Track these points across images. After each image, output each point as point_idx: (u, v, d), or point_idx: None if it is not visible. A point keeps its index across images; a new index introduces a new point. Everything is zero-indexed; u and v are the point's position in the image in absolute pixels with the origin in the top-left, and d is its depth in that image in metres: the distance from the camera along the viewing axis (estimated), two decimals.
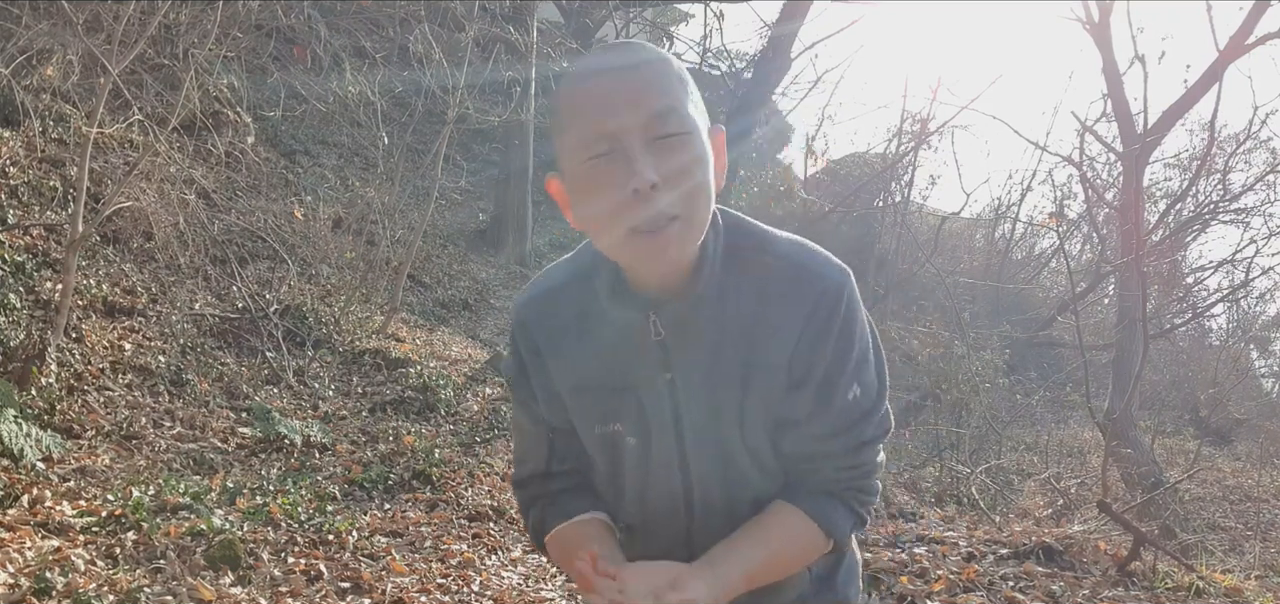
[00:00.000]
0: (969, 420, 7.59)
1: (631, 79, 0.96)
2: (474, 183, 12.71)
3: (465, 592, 3.65)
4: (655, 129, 0.94)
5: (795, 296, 1.02)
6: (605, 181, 0.94)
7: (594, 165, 0.95)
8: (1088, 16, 8.27)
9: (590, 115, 0.95)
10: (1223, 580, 3.71)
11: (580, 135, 0.96)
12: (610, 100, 0.94)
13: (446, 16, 9.37)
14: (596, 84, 0.96)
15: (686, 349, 1.04)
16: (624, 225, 0.94)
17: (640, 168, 0.92)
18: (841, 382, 1.05)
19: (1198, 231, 12.95)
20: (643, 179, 0.92)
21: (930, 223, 14.35)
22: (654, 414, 1.08)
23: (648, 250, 0.95)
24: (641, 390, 1.08)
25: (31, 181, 5.86)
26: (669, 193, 0.94)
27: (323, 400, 5.78)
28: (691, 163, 0.95)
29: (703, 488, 1.11)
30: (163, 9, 5.74)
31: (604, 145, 0.94)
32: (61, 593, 2.89)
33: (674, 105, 0.95)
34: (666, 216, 0.94)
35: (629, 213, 0.93)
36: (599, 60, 1.00)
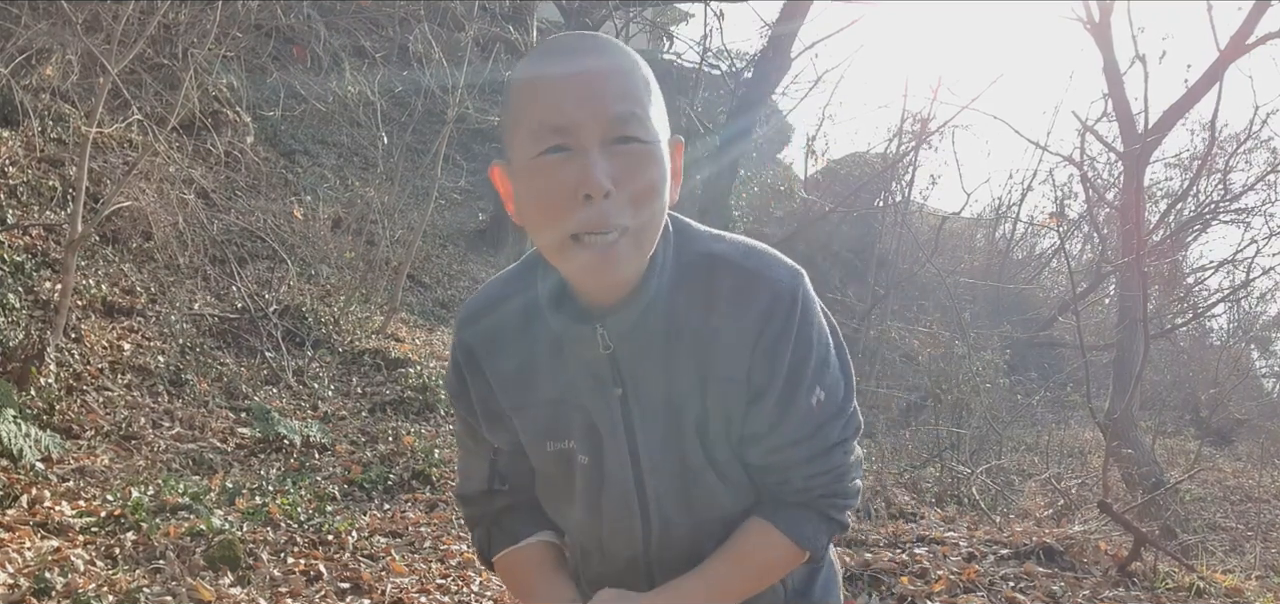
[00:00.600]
0: (969, 421, 7.58)
1: (595, 74, 0.88)
2: (474, 183, 12.71)
3: (465, 592, 3.64)
4: (614, 132, 0.88)
5: (746, 304, 0.95)
6: (554, 180, 0.87)
7: (544, 160, 0.88)
8: (1088, 16, 8.26)
9: (546, 104, 0.88)
10: (1223, 581, 3.70)
11: (533, 125, 0.89)
12: (569, 93, 0.87)
13: (446, 16, 9.37)
14: (557, 71, 0.89)
15: (637, 362, 0.98)
16: (567, 230, 0.88)
17: (594, 172, 0.86)
18: (802, 388, 0.99)
19: (1198, 231, 12.94)
20: (595, 184, 0.85)
21: (931, 223, 14.35)
22: (605, 430, 1.01)
23: (591, 262, 0.89)
24: (590, 406, 1.01)
25: (31, 181, 5.85)
26: (622, 203, 0.88)
27: (322, 400, 5.78)
28: (650, 174, 0.89)
29: (660, 506, 1.04)
30: (162, 9, 5.73)
31: (556, 139, 0.87)
32: (61, 593, 2.88)
33: (636, 110, 0.89)
34: (617, 227, 0.88)
35: (575, 217, 0.87)
36: (561, 46, 0.92)
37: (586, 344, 0.97)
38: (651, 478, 1.02)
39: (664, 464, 1.02)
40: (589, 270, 0.90)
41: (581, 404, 1.02)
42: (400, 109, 9.89)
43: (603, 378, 1.00)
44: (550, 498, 1.12)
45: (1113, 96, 8.51)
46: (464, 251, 11.10)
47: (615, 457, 1.02)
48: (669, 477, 1.02)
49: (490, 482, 1.13)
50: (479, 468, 1.13)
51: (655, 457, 1.02)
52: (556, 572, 1.11)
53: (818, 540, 1.05)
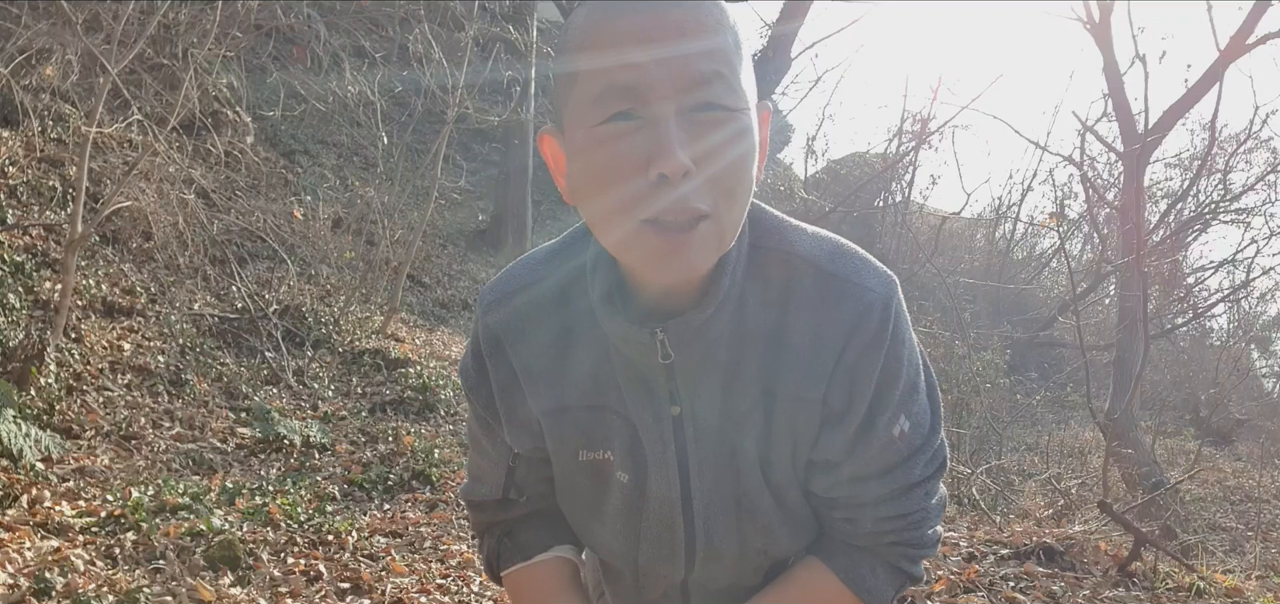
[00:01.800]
0: (969, 421, 7.58)
1: (673, 22, 0.71)
2: (474, 183, 12.71)
3: (465, 592, 3.64)
4: (696, 97, 0.71)
5: (831, 313, 0.80)
6: (621, 154, 0.71)
7: (609, 128, 0.72)
8: (1088, 16, 8.26)
9: (611, 59, 0.71)
10: (1223, 581, 3.70)
11: (595, 84, 0.72)
12: (641, 44, 0.70)
13: (446, 16, 9.37)
14: (625, 20, 0.71)
15: (697, 375, 0.83)
16: (638, 216, 0.72)
17: (671, 146, 0.69)
18: (885, 416, 0.84)
19: (1198, 231, 12.94)
20: (674, 161, 0.69)
21: (931, 223, 14.34)
22: (653, 450, 0.87)
23: (665, 253, 0.73)
24: (637, 419, 0.87)
25: (31, 181, 5.85)
26: (703, 184, 0.72)
27: (322, 401, 5.78)
28: (738, 149, 0.73)
29: (708, 535, 0.89)
30: (162, 9, 5.73)
31: (625, 103, 0.71)
32: (61, 593, 2.88)
33: (724, 70, 0.72)
34: (695, 214, 0.72)
35: (648, 201, 0.71)
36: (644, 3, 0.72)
37: (644, 351, 0.81)
38: (701, 505, 0.88)
39: (717, 491, 0.88)
40: (659, 263, 0.73)
41: (626, 416, 0.87)
42: (400, 109, 9.89)
43: (657, 390, 0.85)
44: (576, 511, 0.96)
45: (1113, 96, 8.52)
46: (464, 251, 11.10)
47: (662, 478, 0.88)
48: (721, 505, 0.88)
49: (505, 491, 0.98)
50: (493, 473, 0.99)
51: (708, 482, 0.87)
52: (570, 595, 0.97)
53: (883, 593, 0.89)
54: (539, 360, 0.88)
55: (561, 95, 0.78)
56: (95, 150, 5.91)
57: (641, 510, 0.90)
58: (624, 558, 0.95)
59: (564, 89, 0.77)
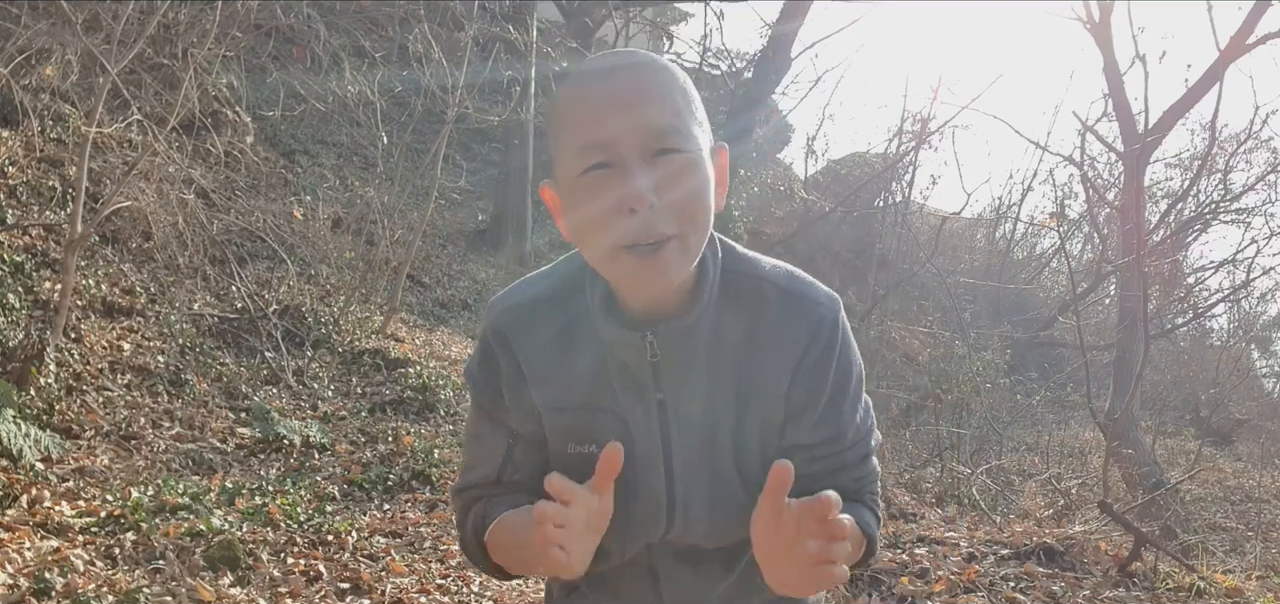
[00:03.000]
0: (970, 421, 7.58)
1: (632, 89, 0.90)
2: (474, 183, 12.71)
3: (465, 592, 3.64)
4: (655, 144, 0.89)
5: (791, 325, 0.99)
6: (599, 194, 0.89)
7: (588, 177, 0.90)
8: (1088, 16, 8.26)
9: (586, 124, 0.90)
10: (1224, 581, 3.70)
11: (575, 144, 0.91)
12: (608, 109, 0.89)
13: (446, 16, 9.37)
14: (595, 91, 0.92)
15: (679, 372, 0.99)
16: (615, 241, 0.90)
17: (635, 184, 0.88)
18: (847, 404, 1.04)
19: (1199, 231, 12.95)
20: (637, 195, 0.87)
21: (931, 223, 14.33)
22: (640, 438, 1.01)
23: (640, 270, 0.91)
24: (627, 413, 1.01)
25: (30, 181, 5.85)
26: (666, 211, 0.89)
27: (322, 401, 5.77)
28: (692, 181, 0.91)
29: (686, 514, 1.03)
30: (162, 9, 5.73)
31: (599, 156, 0.90)
32: (60, 593, 2.88)
33: (675, 121, 0.91)
34: (662, 235, 0.89)
35: (622, 229, 0.89)
36: (599, 65, 0.95)
37: (634, 351, 0.98)
38: (681, 487, 1.02)
39: (696, 474, 1.02)
40: (639, 278, 0.92)
41: (617, 411, 1.01)
42: (400, 109, 9.89)
43: (644, 385, 1.00)
44: None
45: (1113, 96, 8.52)
46: (464, 251, 11.10)
47: (649, 464, 1.02)
48: (698, 486, 1.02)
49: (501, 471, 1.08)
50: (490, 458, 1.08)
51: (689, 466, 1.02)
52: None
53: (875, 531, 1.09)
54: (541, 358, 1.02)
55: (553, 154, 0.96)
56: (95, 150, 5.91)
57: (630, 494, 1.00)
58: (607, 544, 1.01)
59: (554, 149, 0.96)
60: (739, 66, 13.24)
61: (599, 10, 13.28)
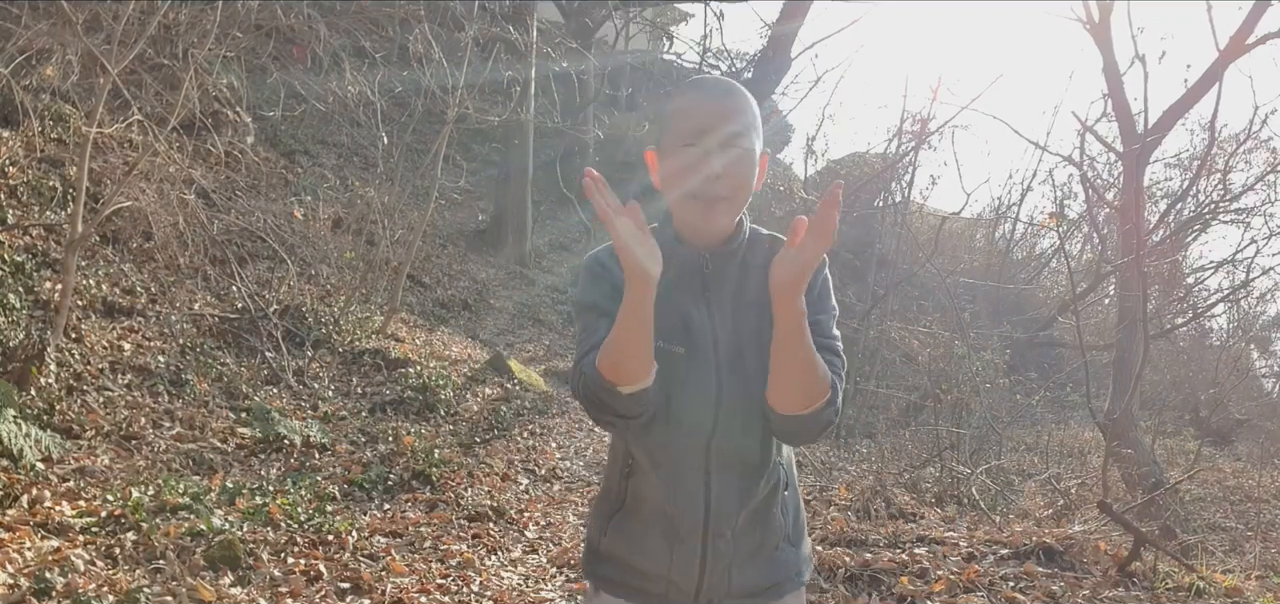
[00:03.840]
0: (969, 421, 7.58)
1: (724, 106, 1.41)
2: (474, 183, 12.71)
3: (465, 592, 3.64)
4: (728, 140, 1.38)
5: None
6: (689, 161, 1.39)
7: (687, 151, 1.39)
8: (1088, 16, 8.26)
9: (695, 118, 1.40)
10: (1223, 581, 3.70)
11: (682, 129, 1.40)
12: (706, 114, 1.40)
13: (446, 16, 9.37)
14: (702, 98, 1.43)
15: (722, 283, 1.46)
16: (692, 191, 1.39)
17: (712, 161, 1.38)
18: (828, 305, 1.49)
19: (1198, 231, 12.95)
20: (712, 168, 1.38)
21: (930, 223, 14.33)
22: (698, 329, 1.45)
23: (701, 213, 1.41)
24: (691, 311, 1.45)
25: (31, 181, 5.86)
26: (725, 181, 1.39)
27: (322, 401, 5.78)
28: (745, 168, 1.40)
29: (723, 378, 1.44)
30: (162, 9, 5.73)
31: (694, 140, 1.39)
32: (61, 593, 2.89)
33: (742, 128, 1.40)
34: (717, 196, 1.40)
35: (694, 184, 1.39)
36: (711, 85, 1.47)
37: (695, 268, 1.45)
38: (724, 364, 1.44)
39: (729, 351, 1.45)
40: (696, 218, 1.42)
41: (683, 309, 1.44)
42: (400, 109, 9.89)
43: (699, 292, 1.46)
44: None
45: (1112, 97, 8.51)
46: (464, 251, 11.10)
47: (705, 348, 1.44)
48: (730, 359, 1.44)
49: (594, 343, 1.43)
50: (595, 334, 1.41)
51: (725, 346, 1.45)
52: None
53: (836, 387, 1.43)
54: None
55: (663, 128, 1.47)
56: (95, 150, 5.91)
57: (689, 373, 1.43)
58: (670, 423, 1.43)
59: (665, 125, 1.46)
60: (739, 67, 13.25)
61: (599, 10, 13.29)
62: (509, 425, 6.34)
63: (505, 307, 10.17)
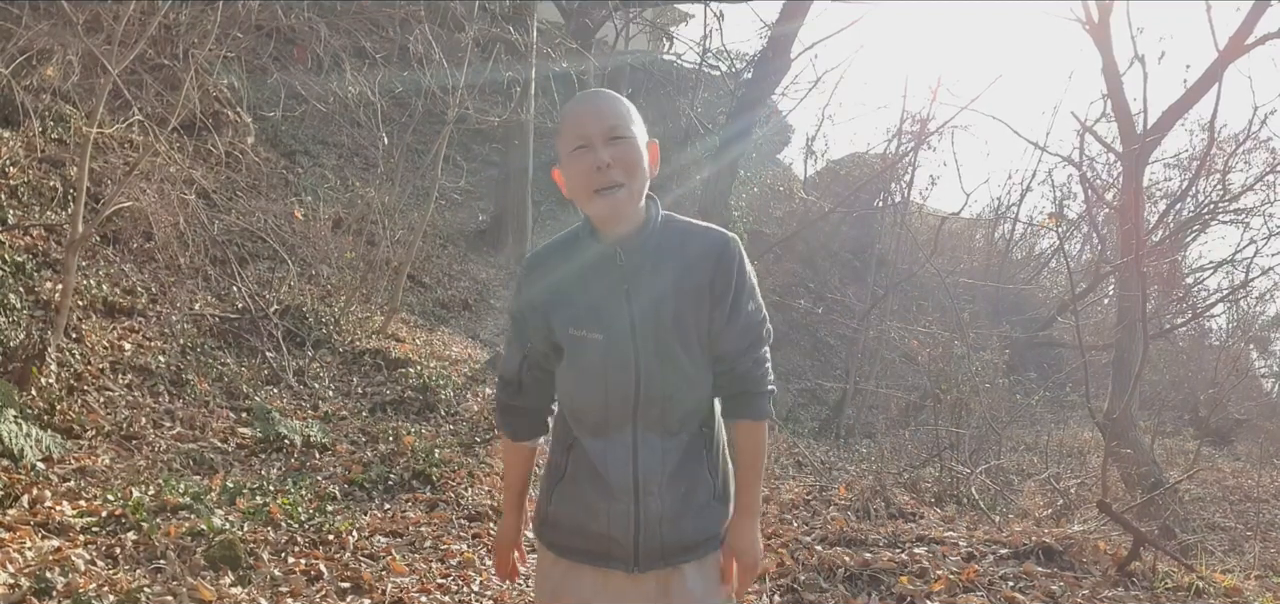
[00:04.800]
0: (969, 420, 7.58)
1: (598, 107, 1.59)
2: (474, 183, 12.71)
3: (465, 592, 3.65)
4: (610, 134, 1.56)
5: (709, 241, 1.62)
6: (582, 166, 1.56)
7: (577, 155, 1.57)
8: (1088, 17, 8.26)
9: (577, 126, 1.58)
10: (1223, 581, 3.70)
11: (569, 137, 1.58)
12: (588, 118, 1.57)
13: (446, 16, 9.37)
14: (582, 109, 1.60)
15: (638, 272, 1.59)
16: (593, 191, 1.56)
17: (601, 156, 1.55)
18: (744, 296, 1.62)
19: (1198, 232, 12.95)
20: (602, 161, 1.54)
21: (930, 223, 14.35)
22: (615, 316, 1.59)
23: (606, 204, 1.56)
24: (607, 300, 1.59)
25: (31, 182, 5.86)
26: (617, 169, 1.55)
27: (323, 401, 5.78)
28: (632, 153, 1.57)
29: (643, 365, 1.59)
30: (163, 9, 5.74)
31: (581, 143, 1.56)
32: (61, 593, 2.89)
33: (620, 122, 1.57)
34: (615, 183, 1.55)
35: (594, 183, 1.55)
36: (585, 96, 1.63)
37: (609, 258, 1.60)
38: (641, 345, 1.59)
39: (649, 339, 1.59)
40: (604, 210, 1.57)
41: (602, 302, 1.60)
42: (400, 109, 9.89)
43: (616, 281, 1.60)
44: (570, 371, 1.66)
45: (1112, 97, 8.52)
46: (464, 251, 11.10)
47: (621, 332, 1.59)
48: (650, 346, 1.59)
49: (520, 371, 1.73)
50: (514, 359, 1.72)
51: (644, 333, 1.59)
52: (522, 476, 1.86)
53: (767, 411, 1.68)
54: (554, 274, 1.65)
55: (558, 148, 1.62)
56: (96, 151, 5.92)
57: (608, 357, 1.59)
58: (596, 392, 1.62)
59: (558, 144, 1.61)
60: (739, 67, 13.25)
61: (599, 11, 13.29)
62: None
63: (505, 307, 10.18)
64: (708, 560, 1.68)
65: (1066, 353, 13.99)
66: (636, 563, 1.63)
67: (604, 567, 1.65)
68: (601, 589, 1.66)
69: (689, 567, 1.66)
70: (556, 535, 1.70)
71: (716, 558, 1.69)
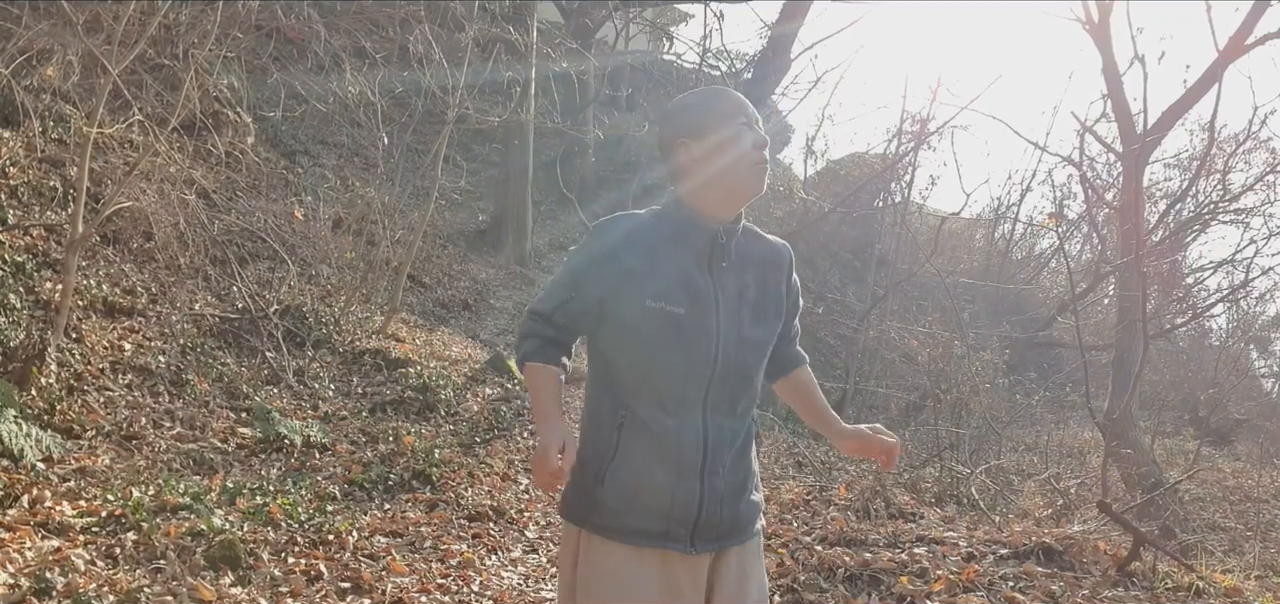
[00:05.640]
0: (969, 421, 7.58)
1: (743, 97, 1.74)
2: (474, 183, 12.71)
3: (465, 592, 3.65)
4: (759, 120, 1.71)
5: (782, 250, 1.82)
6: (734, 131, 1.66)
7: (731, 122, 1.66)
8: (1088, 17, 8.27)
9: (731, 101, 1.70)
10: (1223, 581, 3.70)
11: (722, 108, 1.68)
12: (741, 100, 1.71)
13: (446, 16, 9.37)
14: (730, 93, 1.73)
15: (726, 259, 1.68)
16: (755, 159, 1.66)
17: (759, 133, 1.68)
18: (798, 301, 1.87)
19: (1198, 232, 12.96)
20: (763, 139, 1.68)
21: (930, 223, 14.34)
22: (702, 293, 1.65)
23: (763, 177, 1.68)
24: (696, 277, 1.66)
25: (31, 182, 5.86)
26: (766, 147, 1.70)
27: (323, 401, 5.78)
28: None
29: (725, 352, 1.66)
30: (163, 9, 5.74)
31: (738, 112, 1.67)
32: (61, 593, 2.89)
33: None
34: (763, 161, 1.68)
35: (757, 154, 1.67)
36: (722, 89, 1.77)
37: (710, 237, 1.67)
38: (725, 326, 1.66)
39: (731, 320, 1.68)
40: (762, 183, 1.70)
41: (691, 278, 1.66)
42: (400, 109, 9.90)
43: (711, 260, 1.68)
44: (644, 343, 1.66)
45: (1112, 97, 8.52)
46: (464, 252, 11.10)
47: (706, 310, 1.66)
48: (732, 328, 1.67)
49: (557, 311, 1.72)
50: (558, 298, 1.72)
51: (728, 315, 1.67)
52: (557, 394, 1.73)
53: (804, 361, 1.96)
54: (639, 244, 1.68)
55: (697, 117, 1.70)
56: (96, 151, 5.92)
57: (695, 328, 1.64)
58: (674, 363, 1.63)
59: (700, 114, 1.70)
60: (739, 67, 13.25)
61: (599, 11, 13.29)
62: (509, 425, 6.34)
63: (505, 307, 10.18)
64: (748, 545, 1.75)
65: (1066, 353, 13.99)
66: (692, 542, 1.63)
67: (662, 546, 1.63)
68: (663, 569, 1.63)
69: (733, 550, 1.71)
70: (611, 518, 1.64)
71: (756, 543, 1.78)
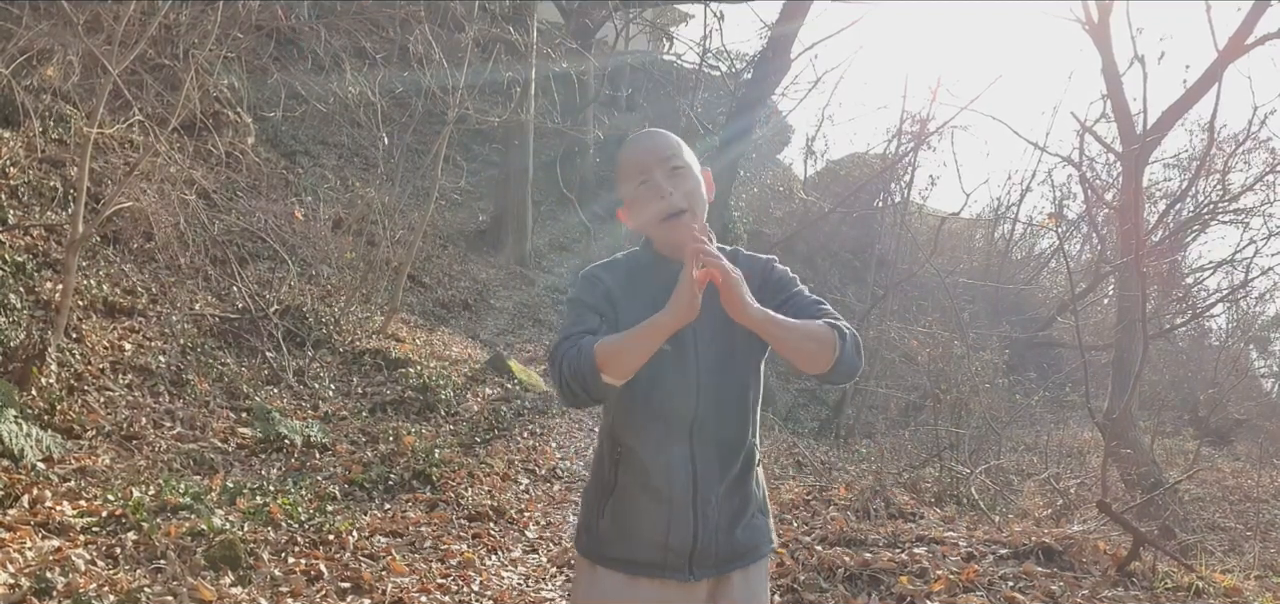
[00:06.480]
0: (969, 421, 7.59)
1: (656, 144, 1.70)
2: (474, 183, 12.71)
3: (465, 592, 3.65)
4: (668, 166, 1.68)
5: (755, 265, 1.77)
6: (644, 195, 1.68)
7: (641, 189, 1.68)
8: (1087, 17, 8.27)
9: (637, 162, 1.69)
10: (1222, 581, 3.70)
11: (631, 173, 1.69)
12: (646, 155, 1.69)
13: (446, 17, 9.38)
14: (639, 147, 1.71)
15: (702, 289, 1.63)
16: (660, 216, 1.66)
17: (664, 188, 1.67)
18: (795, 286, 1.76)
19: (1197, 232, 12.96)
20: (664, 190, 1.67)
21: (930, 223, 14.34)
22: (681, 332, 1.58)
23: (671, 230, 1.65)
24: None
25: (31, 182, 5.86)
26: (679, 196, 1.66)
27: (323, 401, 5.78)
28: (690, 181, 1.69)
29: (706, 377, 1.68)
30: (163, 9, 5.74)
31: (643, 175, 1.68)
32: (61, 593, 2.89)
33: (675, 155, 1.69)
34: (679, 209, 1.65)
35: (661, 209, 1.66)
36: (640, 136, 1.74)
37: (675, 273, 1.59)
38: (703, 362, 1.68)
39: (709, 356, 1.69)
40: (676, 235, 1.64)
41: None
42: (400, 110, 9.90)
43: None
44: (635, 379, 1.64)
45: (1111, 97, 8.52)
46: (464, 252, 11.11)
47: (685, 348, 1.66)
48: (711, 363, 1.69)
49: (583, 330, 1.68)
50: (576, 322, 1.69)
51: (705, 345, 1.69)
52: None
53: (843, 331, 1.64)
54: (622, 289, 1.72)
55: (619, 188, 1.73)
56: (96, 151, 5.92)
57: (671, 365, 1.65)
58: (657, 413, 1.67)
59: (619, 184, 1.73)
60: (739, 67, 13.25)
61: (599, 11, 13.30)
62: (509, 425, 6.34)
63: (505, 307, 10.18)
64: (752, 570, 1.77)
65: (1066, 353, 14.00)
66: (691, 571, 1.68)
67: (660, 577, 1.69)
68: (661, 598, 1.70)
69: (737, 574, 1.73)
70: (609, 549, 1.72)
71: (761, 567, 1.80)
